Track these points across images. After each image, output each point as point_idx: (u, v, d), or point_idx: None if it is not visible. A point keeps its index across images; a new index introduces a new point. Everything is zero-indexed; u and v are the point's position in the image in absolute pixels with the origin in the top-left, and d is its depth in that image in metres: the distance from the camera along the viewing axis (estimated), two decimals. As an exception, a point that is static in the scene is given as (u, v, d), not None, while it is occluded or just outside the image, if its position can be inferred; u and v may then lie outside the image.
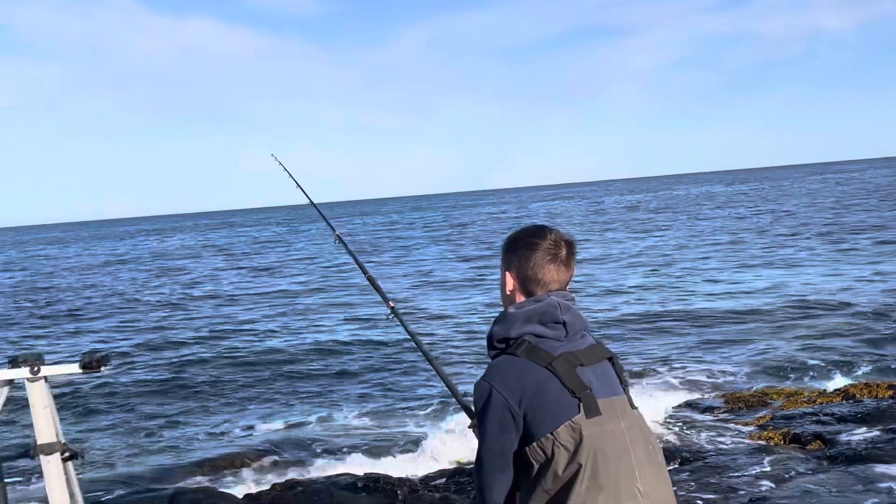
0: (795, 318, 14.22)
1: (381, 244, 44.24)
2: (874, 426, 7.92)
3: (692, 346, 12.88)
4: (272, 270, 32.28)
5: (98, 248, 64.68)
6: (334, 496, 6.56)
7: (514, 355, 2.16)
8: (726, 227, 36.09)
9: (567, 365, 2.13)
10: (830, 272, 19.74)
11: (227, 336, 17.17)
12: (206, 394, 12.19)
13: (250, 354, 14.91)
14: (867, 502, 6.13)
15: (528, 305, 2.22)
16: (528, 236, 2.32)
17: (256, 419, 10.53)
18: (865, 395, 8.98)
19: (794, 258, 22.96)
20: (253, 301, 22.78)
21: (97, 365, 2.39)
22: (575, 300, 2.30)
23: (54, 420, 2.45)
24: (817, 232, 29.80)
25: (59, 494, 2.38)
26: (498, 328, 2.24)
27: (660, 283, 20.35)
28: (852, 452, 7.19)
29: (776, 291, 17.36)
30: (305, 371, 13.18)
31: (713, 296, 17.61)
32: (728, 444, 8.00)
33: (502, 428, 2.12)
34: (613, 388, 2.21)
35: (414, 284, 24.07)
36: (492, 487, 2.20)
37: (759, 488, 6.67)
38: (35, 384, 2.42)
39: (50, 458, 2.38)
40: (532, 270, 2.27)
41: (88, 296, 27.52)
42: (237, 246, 53.08)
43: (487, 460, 2.18)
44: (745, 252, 25.32)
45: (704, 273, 21.38)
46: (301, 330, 17.32)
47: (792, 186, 79.38)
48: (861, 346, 11.92)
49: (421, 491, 6.88)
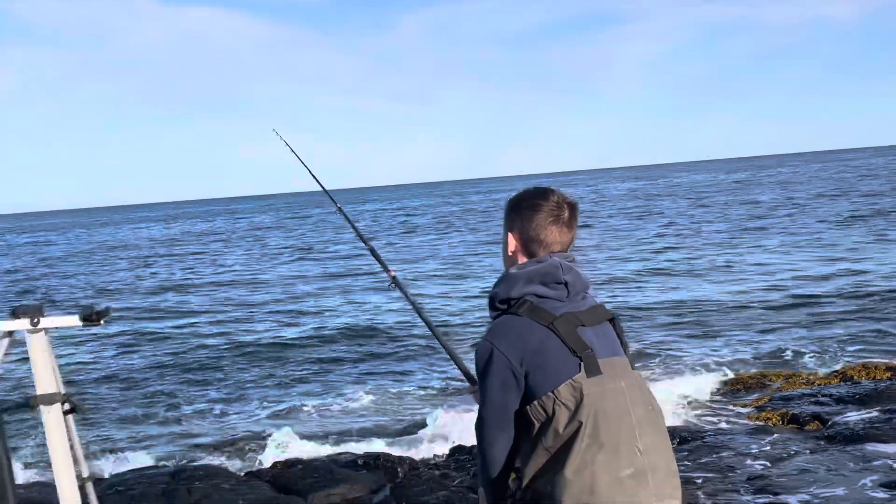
0: (794, 303, 14.25)
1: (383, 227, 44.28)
2: (872, 407, 7.96)
3: (691, 330, 12.92)
4: (273, 256, 32.31)
5: (100, 234, 64.74)
6: (335, 473, 6.60)
7: (516, 315, 2.17)
8: (725, 214, 36.07)
9: (568, 325, 2.15)
10: (829, 256, 19.81)
11: (230, 317, 17.24)
12: (207, 373, 12.26)
13: (252, 337, 14.97)
14: (864, 481, 6.17)
15: (530, 266, 2.23)
16: (532, 197, 2.33)
17: (257, 399, 10.58)
18: (863, 377, 9.02)
19: (797, 242, 23.02)
20: (255, 286, 22.82)
21: (97, 318, 2.40)
22: (576, 261, 2.31)
23: (55, 371, 2.47)
24: (818, 218, 29.83)
25: (59, 445, 2.40)
26: (500, 289, 2.25)
27: (660, 268, 20.39)
28: (850, 433, 7.23)
29: (775, 277, 17.39)
30: (306, 353, 13.23)
31: (712, 281, 17.64)
32: (726, 425, 8.05)
33: (504, 387, 2.14)
34: (614, 349, 2.23)
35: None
36: (493, 446, 2.21)
37: (757, 468, 6.72)
38: (35, 336, 2.43)
39: (50, 408, 2.40)
40: (535, 231, 2.28)
41: (90, 281, 27.55)
42: (240, 231, 53.13)
43: (489, 419, 2.19)
44: (744, 238, 25.34)
45: (705, 258, 21.39)
46: (302, 313, 17.36)
47: (792, 173, 79.32)
48: (859, 329, 11.95)
49: (421, 469, 6.93)
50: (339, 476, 6.54)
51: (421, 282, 20.76)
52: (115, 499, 5.86)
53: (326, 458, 7.54)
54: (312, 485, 6.37)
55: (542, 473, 2.14)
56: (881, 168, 73.80)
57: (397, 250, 30.42)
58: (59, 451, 2.42)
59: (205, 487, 6.12)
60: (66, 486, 2.44)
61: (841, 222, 27.52)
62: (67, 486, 2.44)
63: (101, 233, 69.00)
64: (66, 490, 2.44)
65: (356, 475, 6.60)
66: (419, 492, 6.14)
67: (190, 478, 6.39)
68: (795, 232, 25.77)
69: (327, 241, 36.91)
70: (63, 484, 2.44)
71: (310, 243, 37.56)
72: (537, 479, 2.16)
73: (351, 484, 6.40)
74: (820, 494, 5.97)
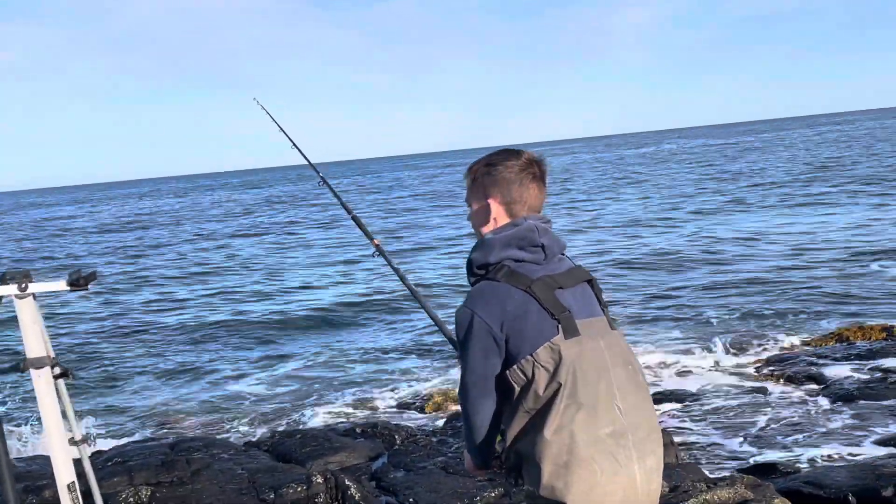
0: (791, 265, 14.28)
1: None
2: (867, 367, 8.00)
3: (690, 290, 12.95)
4: (261, 232, 32.31)
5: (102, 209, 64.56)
6: (333, 441, 6.61)
7: (495, 280, 2.16)
8: (724, 176, 36.04)
9: (546, 288, 2.14)
10: (823, 218, 19.86)
11: (223, 288, 17.27)
12: (203, 345, 12.30)
13: (247, 307, 15.03)
14: (861, 438, 6.22)
15: (507, 231, 2.21)
16: (504, 159, 2.29)
17: (254, 369, 10.62)
18: (859, 338, 9.06)
19: (792, 204, 23.08)
20: (245, 261, 22.82)
21: (84, 283, 2.39)
22: (551, 222, 2.29)
23: (43, 336, 2.47)
24: (808, 178, 29.85)
25: (50, 408, 2.40)
26: (477, 254, 2.23)
27: (658, 228, 20.47)
28: (845, 392, 7.29)
29: (771, 237, 17.44)
30: (302, 323, 13.28)
31: (711, 238, 17.68)
32: (724, 386, 8.09)
33: (485, 353, 2.13)
34: (592, 310, 2.22)
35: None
36: (477, 412, 2.22)
37: (753, 428, 6.77)
38: (23, 301, 2.43)
39: (40, 371, 2.40)
40: (518, 192, 2.25)
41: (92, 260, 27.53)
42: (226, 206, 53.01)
43: (472, 386, 2.19)
44: (742, 200, 25.35)
45: (705, 219, 21.42)
46: (297, 284, 17.39)
47: (785, 139, 79.15)
48: (854, 289, 11.98)
49: (418, 436, 6.95)
50: (337, 444, 6.55)
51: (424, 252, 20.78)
52: (113, 470, 5.86)
53: (324, 427, 7.58)
54: (311, 453, 6.39)
55: (524, 435, 2.15)
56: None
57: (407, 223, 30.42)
58: (51, 414, 2.41)
59: (204, 458, 6.13)
60: (59, 449, 2.44)
61: (839, 184, 27.55)
62: (59, 448, 2.44)
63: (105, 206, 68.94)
64: (57, 452, 2.43)
65: (354, 443, 6.62)
66: (417, 458, 6.16)
67: (189, 448, 6.39)
68: (795, 193, 25.79)
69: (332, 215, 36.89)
70: (55, 446, 2.44)
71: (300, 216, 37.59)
72: (519, 440, 2.16)
73: (349, 451, 6.42)
74: (817, 453, 6.02)
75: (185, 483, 5.69)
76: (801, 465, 5.77)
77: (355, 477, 5.68)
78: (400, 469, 6.01)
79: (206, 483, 5.71)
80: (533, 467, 2.11)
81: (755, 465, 5.83)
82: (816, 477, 5.16)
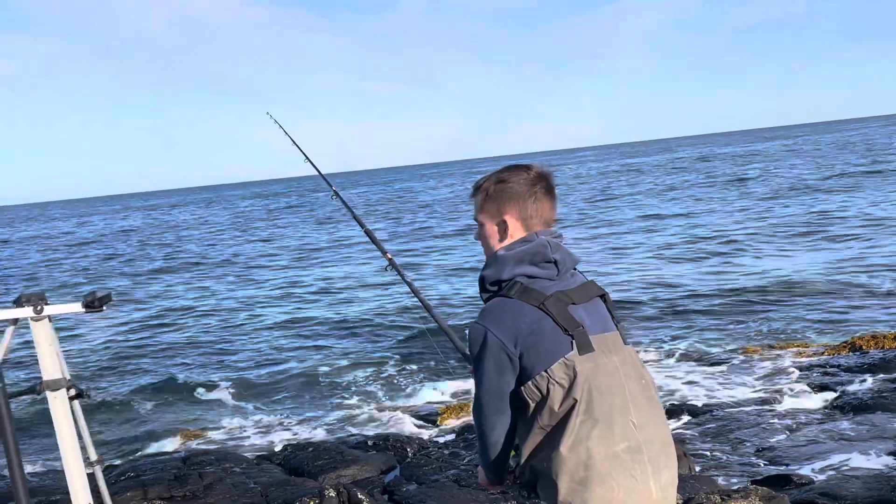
0: (801, 279, 14.22)
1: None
2: (880, 376, 7.95)
3: (702, 306, 12.90)
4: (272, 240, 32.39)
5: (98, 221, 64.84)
6: (345, 455, 6.61)
7: (507, 297, 2.16)
8: (725, 192, 35.95)
9: (559, 304, 2.14)
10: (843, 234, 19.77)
11: (232, 299, 17.29)
12: (214, 357, 12.32)
13: (258, 319, 15.04)
14: (874, 450, 6.17)
15: (519, 247, 2.21)
16: (515, 175, 2.29)
17: (266, 382, 10.62)
18: (872, 347, 9.00)
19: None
20: (256, 269, 22.86)
21: (99, 304, 2.40)
22: (563, 237, 2.29)
23: (59, 358, 2.48)
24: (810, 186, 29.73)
25: (66, 429, 2.41)
26: (490, 271, 2.22)
27: (665, 246, 20.40)
28: (859, 402, 7.23)
29: (779, 255, 17.37)
30: (314, 338, 13.28)
31: (721, 254, 17.63)
32: (736, 397, 8.04)
33: (499, 370, 2.13)
34: (605, 325, 2.21)
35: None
36: (492, 428, 2.22)
37: (767, 439, 6.72)
38: (39, 323, 2.45)
39: (56, 394, 2.41)
40: (534, 207, 2.25)
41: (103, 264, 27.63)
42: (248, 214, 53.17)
43: (486, 403, 2.19)
44: (744, 208, 25.27)
45: (712, 234, 21.36)
46: (310, 296, 17.41)
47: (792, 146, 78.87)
48: (867, 300, 11.92)
49: (430, 448, 6.94)
50: (349, 457, 6.55)
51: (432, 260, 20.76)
52: (127, 484, 5.88)
53: (336, 440, 7.58)
54: (323, 466, 6.39)
55: (539, 451, 2.15)
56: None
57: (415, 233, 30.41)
58: (67, 436, 2.42)
59: (216, 472, 6.14)
60: (74, 470, 2.45)
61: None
62: (75, 469, 2.45)
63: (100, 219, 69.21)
64: (74, 474, 2.44)
65: (366, 456, 6.62)
66: (429, 471, 6.15)
67: (201, 462, 6.41)
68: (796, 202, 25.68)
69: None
70: (71, 467, 2.45)
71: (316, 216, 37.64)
72: (534, 457, 2.16)
73: (361, 465, 6.42)
74: (830, 465, 5.97)
75: (198, 497, 5.71)
76: (815, 477, 5.73)
77: (368, 490, 5.67)
78: (412, 482, 6.00)
79: (218, 497, 5.72)
80: (549, 483, 2.11)
81: (769, 476, 5.79)
82: (831, 488, 5.13)
